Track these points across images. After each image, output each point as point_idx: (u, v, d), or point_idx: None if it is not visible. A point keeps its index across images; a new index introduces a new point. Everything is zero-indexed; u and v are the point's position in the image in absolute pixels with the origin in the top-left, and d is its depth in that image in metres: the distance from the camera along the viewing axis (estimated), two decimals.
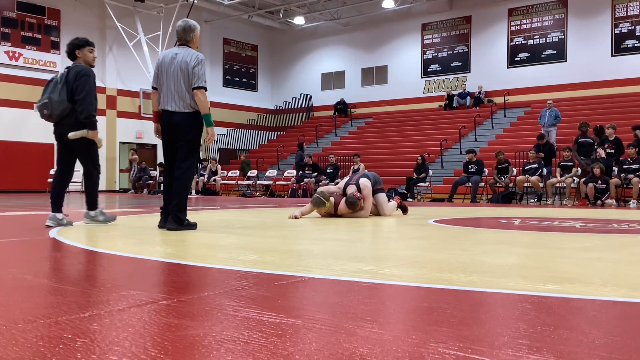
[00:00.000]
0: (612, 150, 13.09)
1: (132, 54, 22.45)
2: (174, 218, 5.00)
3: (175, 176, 5.05)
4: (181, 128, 5.02)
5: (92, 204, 5.57)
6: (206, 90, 5.05)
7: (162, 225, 5.16)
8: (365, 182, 7.11)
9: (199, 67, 5.01)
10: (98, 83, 5.79)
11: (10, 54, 20.36)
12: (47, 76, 20.93)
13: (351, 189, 7.06)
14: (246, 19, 26.68)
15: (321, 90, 27.90)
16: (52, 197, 5.50)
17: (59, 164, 5.63)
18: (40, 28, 21.16)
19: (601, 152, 12.89)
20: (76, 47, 5.41)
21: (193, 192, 18.85)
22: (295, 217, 6.74)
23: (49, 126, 5.62)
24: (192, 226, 5.10)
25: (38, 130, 20.63)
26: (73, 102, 5.22)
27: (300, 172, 18.05)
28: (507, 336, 1.59)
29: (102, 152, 23.90)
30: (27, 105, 20.63)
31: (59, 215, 5.43)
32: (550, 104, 16.75)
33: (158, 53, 22.73)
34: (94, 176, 5.57)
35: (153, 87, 5.23)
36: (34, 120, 20.67)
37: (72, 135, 5.24)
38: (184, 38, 5.18)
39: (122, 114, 23.12)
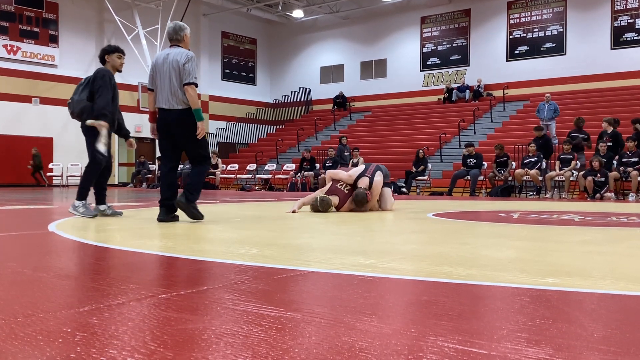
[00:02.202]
0: (610, 144, 13.09)
1: (130, 48, 22.39)
2: (186, 195, 5.17)
3: (194, 165, 5.35)
4: (177, 124, 5.17)
5: (80, 194, 5.79)
6: (197, 86, 5.19)
7: (162, 218, 5.23)
8: (378, 179, 7.04)
9: (189, 64, 5.14)
10: None
11: (9, 48, 20.30)
12: (46, 70, 21.10)
13: (364, 182, 6.95)
14: (245, 12, 26.60)
15: (320, 83, 27.86)
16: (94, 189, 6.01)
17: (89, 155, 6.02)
18: (39, 21, 21.10)
19: (603, 147, 12.88)
20: (106, 52, 5.92)
21: None
22: (294, 212, 6.71)
23: (48, 120, 5.86)
24: (199, 215, 5.21)
25: (37, 124, 20.62)
26: (92, 101, 5.71)
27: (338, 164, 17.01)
28: (506, 329, 1.59)
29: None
30: (26, 99, 20.60)
31: (102, 207, 5.91)
32: (548, 98, 16.73)
33: (157, 47, 22.69)
34: (91, 168, 5.87)
35: (149, 89, 5.37)
36: (32, 114, 20.70)
37: (88, 122, 5.75)
38: (175, 38, 5.36)
39: (120, 108, 23.01)
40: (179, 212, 5.33)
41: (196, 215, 5.19)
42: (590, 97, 19.77)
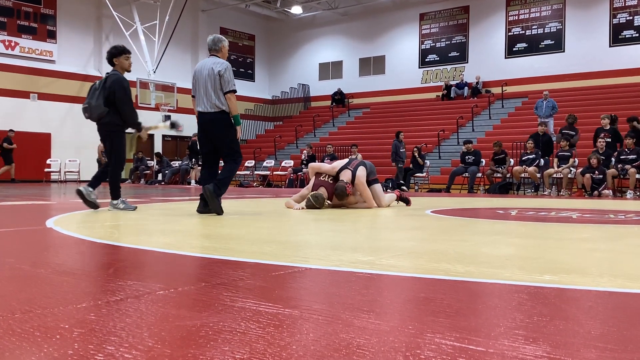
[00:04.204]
0: (609, 140, 13.07)
1: (128, 44, 22.32)
2: (214, 188, 5.59)
3: (226, 161, 5.85)
4: (210, 125, 5.73)
5: (113, 194, 6.17)
6: (235, 92, 5.75)
7: (202, 210, 5.72)
8: (361, 174, 7.01)
9: (227, 73, 5.66)
10: (95, 72, 6.15)
11: (7, 43, 20.25)
12: (44, 65, 21.07)
13: (346, 175, 6.90)
14: (243, 8, 26.57)
15: (319, 80, 27.84)
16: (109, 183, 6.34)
17: (107, 157, 6.37)
18: (37, 17, 21.04)
19: (601, 143, 12.89)
20: (114, 55, 6.22)
21: (193, 182, 18.84)
22: (302, 208, 6.75)
23: (46, 116, 5.99)
24: (220, 210, 5.61)
25: (35, 119, 20.58)
26: (108, 106, 6.00)
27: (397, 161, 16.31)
28: (504, 327, 1.59)
29: (98, 142, 23.77)
30: (24, 94, 20.55)
31: (93, 195, 6.17)
32: (546, 95, 16.72)
33: (155, 43, 22.63)
34: (114, 170, 6.21)
35: (192, 96, 5.92)
36: (31, 109, 20.65)
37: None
38: (214, 48, 5.87)
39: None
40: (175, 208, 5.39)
41: (217, 210, 5.59)
42: (589, 95, 19.78)
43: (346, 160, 7.31)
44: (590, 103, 18.82)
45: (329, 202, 6.95)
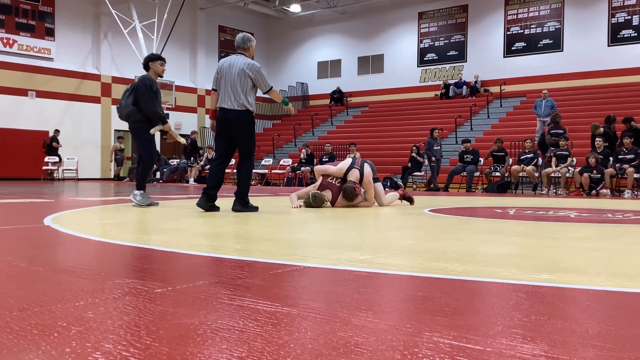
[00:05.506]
0: (606, 144, 13.07)
1: (127, 41, 22.31)
2: (240, 202, 5.98)
3: (240, 169, 6.06)
4: (235, 123, 5.91)
5: (139, 185, 6.67)
6: (272, 87, 6.15)
7: (201, 204, 5.92)
8: (368, 171, 6.99)
9: (261, 77, 5.98)
10: (93, 70, 6.26)
11: (5, 41, 20.21)
12: (42, 63, 21.06)
13: (354, 174, 6.85)
14: (242, 6, 26.53)
15: (317, 78, 27.83)
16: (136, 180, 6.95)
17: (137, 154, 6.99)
18: (35, 14, 21.00)
19: (600, 143, 12.90)
20: (150, 60, 6.78)
21: (191, 180, 18.82)
22: (300, 206, 6.73)
23: (44, 114, 6.19)
24: (255, 209, 6.03)
25: (33, 117, 20.55)
26: (136, 105, 6.55)
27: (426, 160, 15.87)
28: (502, 325, 1.59)
29: (96, 140, 23.61)
30: (22, 92, 20.51)
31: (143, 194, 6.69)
32: (546, 94, 16.74)
33: (153, 41, 22.61)
34: (145, 163, 6.77)
35: (213, 89, 6.10)
36: (28, 107, 20.62)
37: (152, 130, 6.64)
38: (242, 47, 6.02)
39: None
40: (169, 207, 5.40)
41: (254, 210, 6.00)
42: (587, 94, 19.80)
43: (350, 160, 7.21)
44: (588, 102, 18.83)
45: (329, 204, 6.90)
